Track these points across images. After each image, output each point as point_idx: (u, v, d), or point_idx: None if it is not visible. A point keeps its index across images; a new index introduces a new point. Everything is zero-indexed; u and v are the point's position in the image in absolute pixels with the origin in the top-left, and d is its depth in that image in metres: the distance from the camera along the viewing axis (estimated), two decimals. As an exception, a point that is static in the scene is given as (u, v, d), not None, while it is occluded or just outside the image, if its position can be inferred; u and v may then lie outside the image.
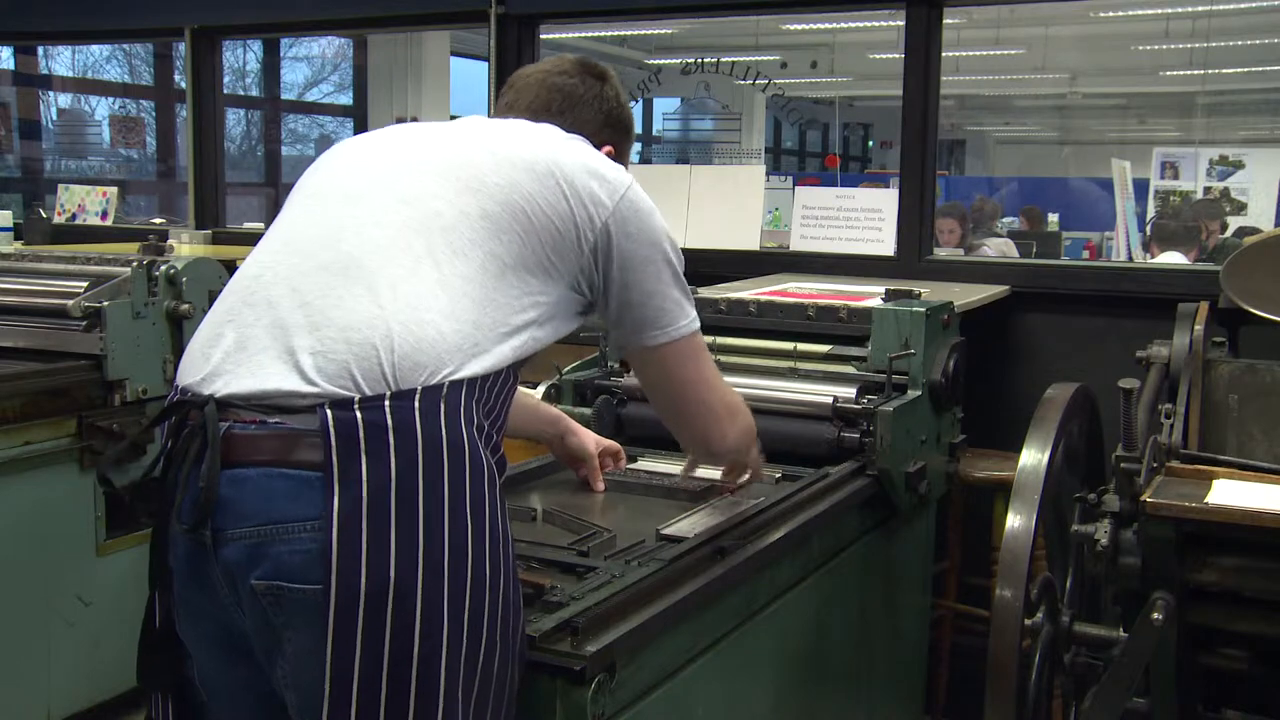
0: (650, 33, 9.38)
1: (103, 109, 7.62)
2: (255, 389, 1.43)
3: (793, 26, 10.06)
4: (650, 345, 1.71)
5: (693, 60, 5.53)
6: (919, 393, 2.51)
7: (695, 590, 1.73)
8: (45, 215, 5.17)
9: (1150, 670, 2.18)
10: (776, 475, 2.34)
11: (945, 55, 3.67)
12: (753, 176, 4.22)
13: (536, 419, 2.21)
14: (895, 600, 2.67)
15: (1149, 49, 11.31)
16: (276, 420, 1.41)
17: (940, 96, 3.66)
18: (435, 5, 4.58)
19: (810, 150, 15.99)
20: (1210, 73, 10.94)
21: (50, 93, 7.42)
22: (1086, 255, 9.21)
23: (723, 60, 5.58)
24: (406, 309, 1.45)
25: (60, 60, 7.84)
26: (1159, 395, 2.50)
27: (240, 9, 4.83)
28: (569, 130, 1.77)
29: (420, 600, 1.36)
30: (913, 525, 2.70)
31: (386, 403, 1.39)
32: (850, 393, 2.47)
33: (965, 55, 11.18)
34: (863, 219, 3.83)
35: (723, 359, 2.66)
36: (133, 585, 3.04)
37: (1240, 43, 10.38)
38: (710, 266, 3.65)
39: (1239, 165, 9.39)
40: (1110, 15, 10.19)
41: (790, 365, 2.62)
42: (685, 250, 1.78)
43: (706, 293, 2.86)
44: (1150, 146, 10.23)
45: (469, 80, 9.86)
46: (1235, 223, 8.47)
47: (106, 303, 3.10)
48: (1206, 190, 9.29)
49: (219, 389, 1.45)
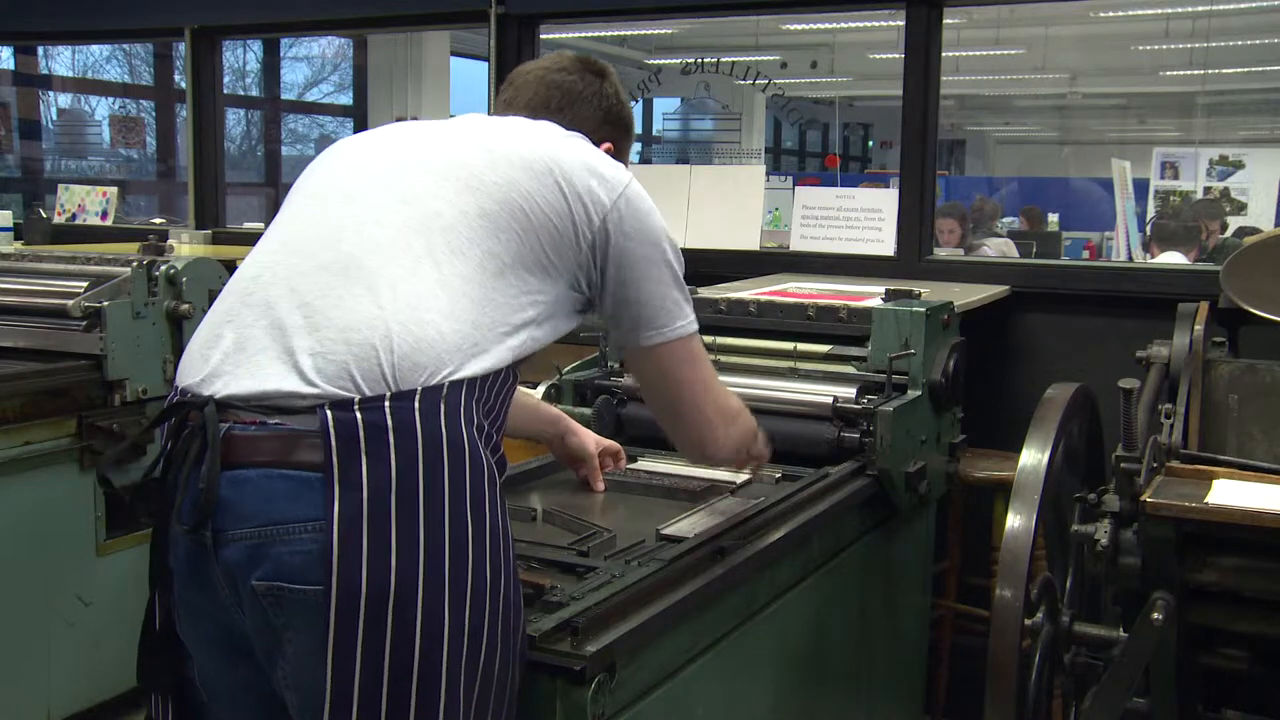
0: (650, 33, 9.37)
1: (103, 109, 7.62)
2: (255, 390, 1.43)
3: (793, 26, 10.05)
4: (646, 345, 1.70)
5: (693, 60, 5.53)
6: (919, 393, 2.51)
7: (695, 590, 1.73)
8: (45, 215, 5.16)
9: (1150, 670, 2.18)
10: (776, 475, 2.34)
11: (945, 55, 3.67)
12: (753, 176, 4.22)
13: (536, 419, 2.21)
14: (895, 600, 2.67)
15: (1149, 49, 11.31)
16: (276, 421, 1.41)
17: (940, 96, 3.66)
18: (435, 5, 4.58)
19: (810, 150, 15.98)
20: (1210, 73, 10.94)
21: (50, 93, 7.42)
22: (1086, 255, 9.20)
23: (723, 60, 5.57)
24: (406, 309, 1.44)
25: (60, 60, 7.84)
26: (1159, 395, 2.50)
27: (240, 9, 4.83)
28: (568, 127, 1.76)
29: (421, 600, 1.36)
30: (913, 525, 2.70)
31: (386, 403, 1.39)
32: (850, 393, 2.47)
33: (965, 55, 11.18)
34: (863, 219, 3.83)
35: (723, 359, 2.66)
36: (133, 585, 3.04)
37: (1240, 43, 10.37)
38: (710, 266, 3.66)
39: (1239, 165, 9.39)
40: (1110, 15, 10.18)
41: (790, 365, 2.62)
42: (685, 250, 1.77)
43: (706, 293, 2.86)
44: (1150, 146, 10.22)
45: (469, 80, 9.87)
46: (1235, 223, 8.47)
47: (106, 303, 3.10)
48: (1206, 190, 9.29)
49: (219, 390, 1.45)
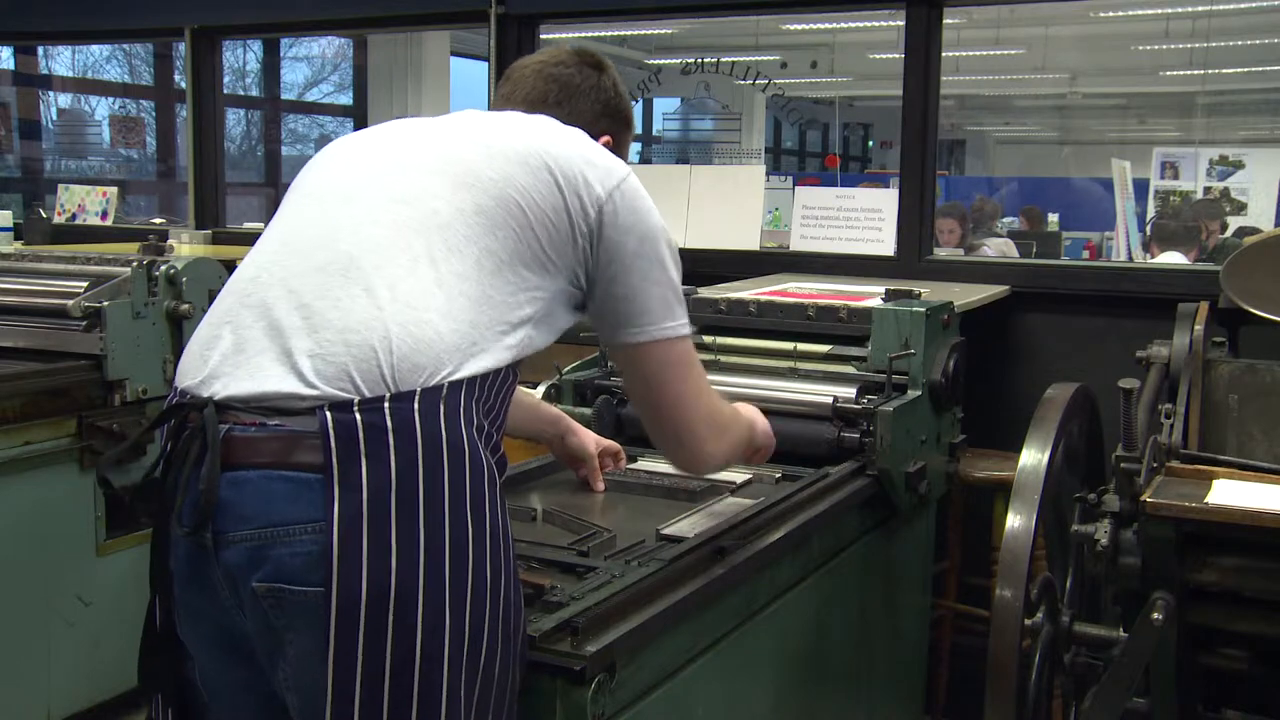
0: (650, 33, 9.36)
1: (103, 109, 7.62)
2: (254, 391, 1.42)
3: (793, 26, 10.05)
4: (630, 343, 1.65)
5: (693, 60, 5.53)
6: (919, 393, 2.51)
7: (695, 590, 1.73)
8: (45, 215, 5.16)
9: (1150, 670, 2.18)
10: (776, 475, 2.34)
11: (945, 55, 3.67)
12: (753, 176, 4.22)
13: (537, 419, 2.21)
14: (895, 600, 2.67)
15: (1149, 49, 11.31)
16: (276, 422, 1.40)
17: (940, 96, 3.66)
18: (435, 5, 4.58)
19: (810, 150, 15.98)
20: (1210, 73, 10.94)
21: (50, 93, 7.42)
22: (1086, 255, 9.20)
23: (723, 60, 5.57)
24: (405, 309, 1.44)
25: (60, 60, 7.84)
26: (1159, 395, 2.50)
27: (240, 9, 4.83)
28: (567, 121, 1.74)
29: (422, 602, 1.35)
30: (913, 525, 2.70)
31: (386, 404, 1.38)
32: (850, 393, 2.47)
33: (965, 55, 11.18)
34: (863, 219, 3.83)
35: (723, 359, 2.66)
36: (133, 585, 3.04)
37: (1240, 43, 10.37)
38: (710, 266, 3.66)
39: (1239, 165, 9.39)
40: (1110, 15, 10.18)
41: (790, 365, 2.62)
42: (685, 250, 1.75)
43: (706, 293, 2.86)
44: (1150, 146, 10.22)
45: (469, 80, 9.87)
46: (1235, 223, 8.47)
47: (106, 303, 3.10)
48: (1206, 190, 9.29)
49: (218, 391, 1.44)
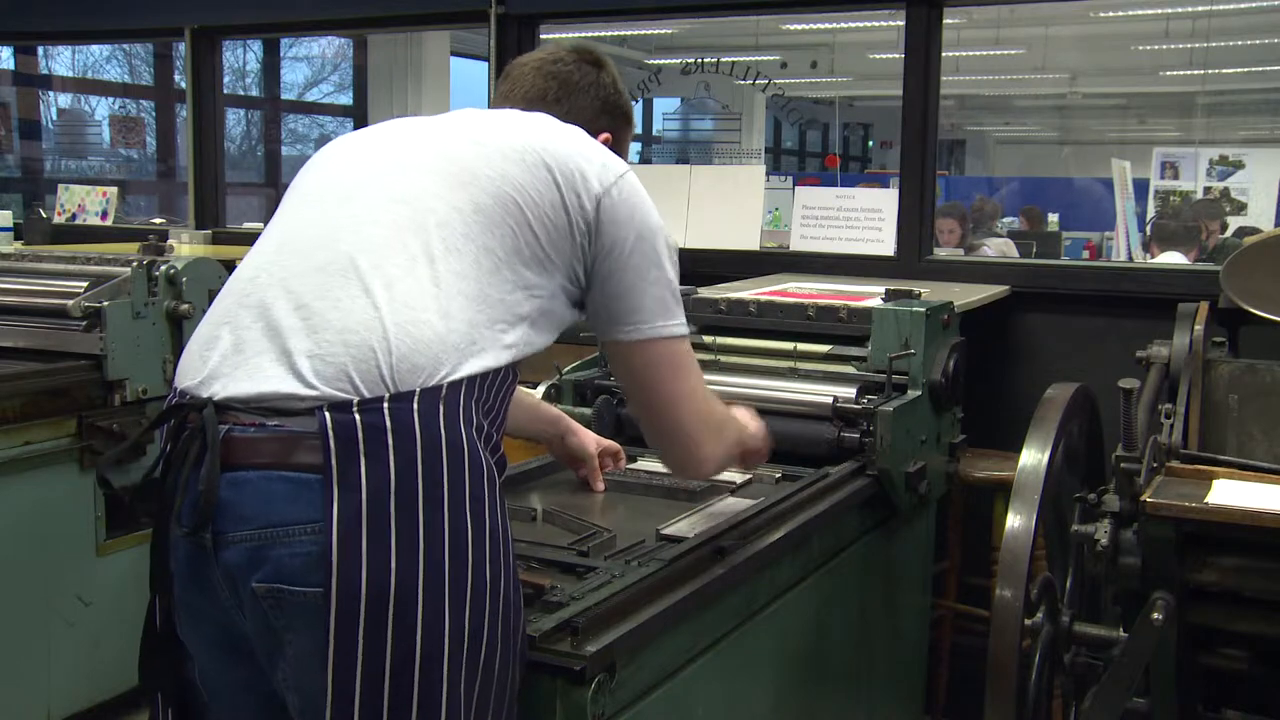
0: (650, 33, 9.36)
1: (103, 109, 7.62)
2: (253, 392, 1.42)
3: (793, 26, 10.05)
4: (624, 340, 1.63)
5: (693, 60, 5.54)
6: (919, 393, 2.51)
7: (695, 590, 1.73)
8: (45, 215, 5.16)
9: (1150, 670, 2.18)
10: (776, 475, 2.34)
11: (945, 55, 3.67)
12: (753, 176, 4.22)
13: (537, 419, 2.21)
14: (895, 600, 2.67)
15: (1149, 49, 11.31)
16: (275, 423, 1.40)
17: (940, 96, 3.66)
18: (435, 5, 4.58)
19: (810, 150, 15.98)
20: (1210, 73, 10.94)
21: (50, 93, 7.42)
22: (1086, 255, 9.20)
23: (723, 60, 5.58)
24: (403, 309, 1.44)
25: (60, 60, 7.84)
26: (1159, 395, 2.50)
27: (240, 9, 4.83)
28: (566, 118, 1.74)
29: (421, 602, 1.35)
30: (913, 525, 2.70)
31: (385, 405, 1.38)
32: (850, 393, 2.47)
33: (965, 55, 11.18)
34: (863, 219, 3.83)
35: (722, 359, 2.66)
36: (133, 585, 3.04)
37: (1240, 43, 10.37)
38: (710, 266, 3.66)
39: (1239, 165, 9.39)
40: (1110, 15, 10.18)
41: (790, 365, 2.62)
42: (685, 250, 1.75)
43: (706, 293, 2.86)
44: (1150, 146, 10.22)
45: (469, 80, 9.87)
46: (1235, 223, 8.47)
47: (106, 303, 3.10)
48: (1206, 190, 9.29)
49: (217, 391, 1.44)
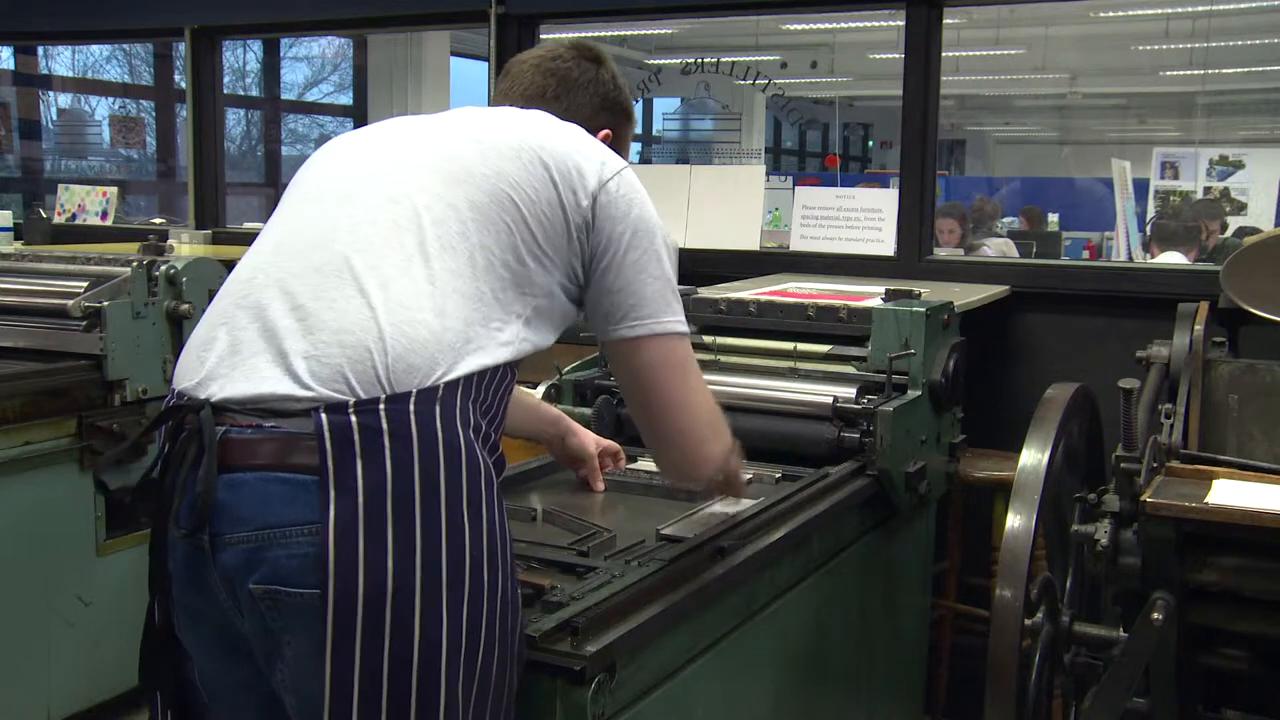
0: (650, 33, 9.36)
1: (103, 109, 7.62)
2: (250, 393, 1.42)
3: (793, 26, 10.05)
4: (626, 337, 1.61)
5: (693, 60, 5.54)
6: (919, 393, 2.51)
7: (695, 590, 1.73)
8: (45, 215, 5.16)
9: (1150, 670, 2.18)
10: (776, 475, 2.34)
11: (945, 55, 3.67)
12: (753, 176, 4.22)
13: (537, 419, 2.21)
14: (895, 600, 2.67)
15: (1149, 49, 11.31)
16: (272, 424, 1.40)
17: (940, 96, 3.66)
18: (435, 5, 4.58)
19: (810, 150, 15.98)
20: (1210, 73, 10.94)
21: (50, 93, 7.42)
22: (1086, 255, 9.20)
23: (723, 60, 5.58)
24: (398, 309, 1.44)
25: (60, 60, 7.84)
26: (1159, 395, 2.50)
27: (240, 9, 4.83)
28: (565, 115, 1.74)
29: (419, 603, 1.35)
30: (913, 525, 2.70)
31: (381, 406, 1.38)
32: (850, 393, 2.47)
33: (965, 55, 11.18)
34: (863, 219, 3.83)
35: (722, 359, 2.66)
36: (133, 585, 3.04)
37: (1240, 43, 10.37)
38: (710, 266, 3.65)
39: (1239, 165, 9.39)
40: (1110, 15, 10.18)
41: (790, 365, 2.62)
42: (685, 250, 1.75)
43: (706, 293, 2.86)
44: (1150, 146, 10.22)
45: (469, 80, 9.87)
46: (1235, 223, 8.47)
47: (106, 303, 3.10)
48: (1206, 190, 9.29)
49: (214, 393, 1.44)
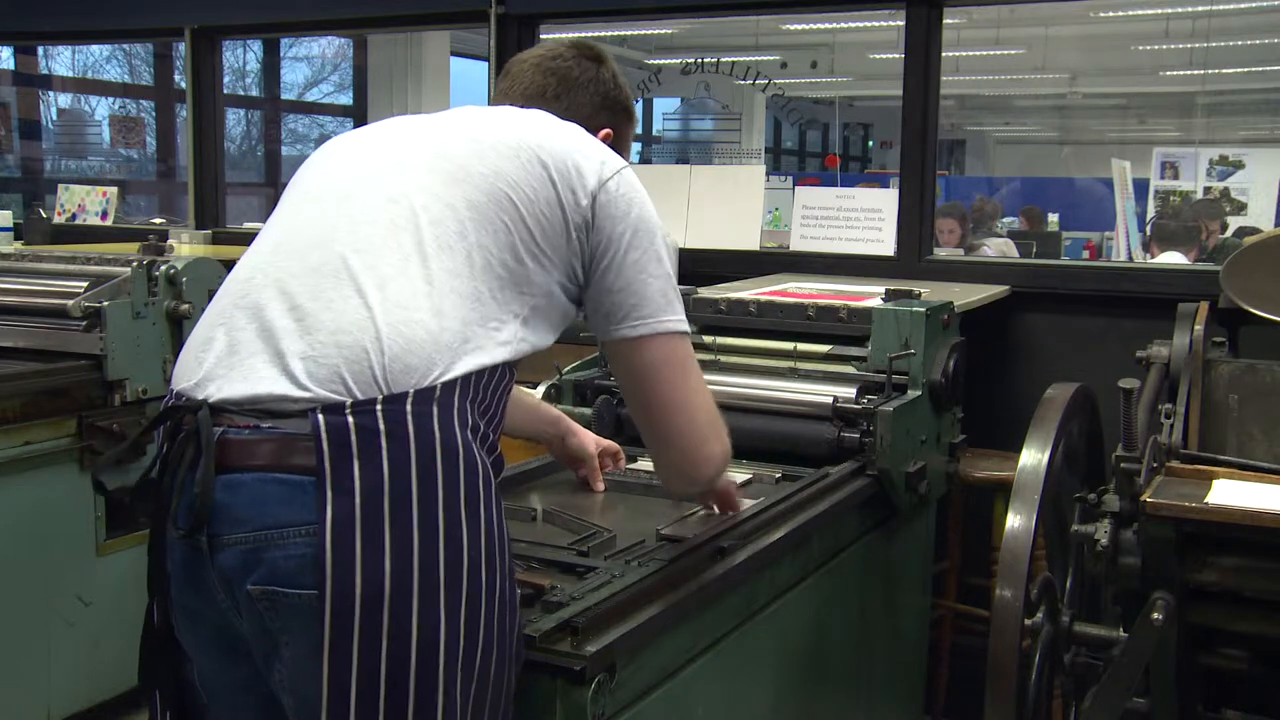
0: (650, 33, 9.36)
1: (103, 109, 7.62)
2: (247, 394, 1.42)
3: (793, 26, 10.05)
4: (627, 336, 1.60)
5: (693, 60, 5.54)
6: (919, 393, 2.51)
7: (695, 590, 1.73)
8: (45, 215, 5.16)
9: (1150, 670, 2.18)
10: (776, 475, 2.34)
11: (945, 55, 3.67)
12: (753, 176, 4.22)
13: (537, 419, 2.20)
14: (895, 600, 2.67)
15: (1149, 49, 11.31)
16: (269, 425, 1.40)
17: (940, 96, 3.66)
18: (435, 5, 4.58)
19: (810, 150, 15.99)
20: (1210, 73, 10.94)
21: (50, 93, 7.42)
22: (1086, 255, 9.20)
23: (723, 60, 5.58)
24: (395, 309, 1.43)
25: (60, 60, 7.84)
26: (1159, 395, 2.50)
27: (240, 9, 4.83)
28: (565, 114, 1.73)
29: (416, 604, 1.35)
30: (913, 525, 2.70)
31: (378, 407, 1.38)
32: (850, 393, 2.47)
33: (965, 55, 11.18)
34: (863, 219, 3.83)
35: (722, 359, 2.66)
36: (133, 585, 3.03)
37: (1240, 43, 10.37)
38: (710, 266, 3.65)
39: (1239, 165, 9.39)
40: (1110, 15, 10.18)
41: (790, 365, 2.62)
42: (685, 250, 1.75)
43: (706, 293, 2.86)
44: (1150, 146, 10.23)
45: (469, 80, 9.87)
46: (1235, 223, 8.47)
47: (106, 303, 3.10)
48: (1206, 190, 9.29)
49: (212, 393, 1.44)
